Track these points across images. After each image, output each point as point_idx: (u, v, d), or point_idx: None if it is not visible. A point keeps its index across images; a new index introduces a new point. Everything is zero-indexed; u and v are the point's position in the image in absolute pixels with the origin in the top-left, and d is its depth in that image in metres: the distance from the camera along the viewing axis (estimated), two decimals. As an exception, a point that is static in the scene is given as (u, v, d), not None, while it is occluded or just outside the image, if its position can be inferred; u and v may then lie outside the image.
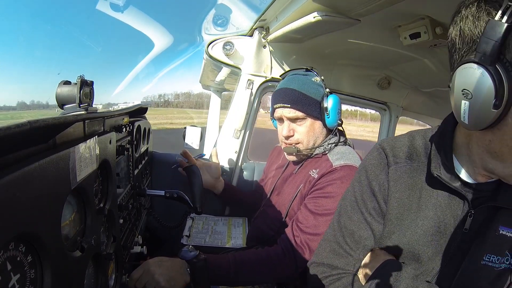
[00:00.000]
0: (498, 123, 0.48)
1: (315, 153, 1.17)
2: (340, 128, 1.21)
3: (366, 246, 0.70)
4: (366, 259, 0.70)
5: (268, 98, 1.68)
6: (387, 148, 0.70)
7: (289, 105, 1.11)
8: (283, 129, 1.16)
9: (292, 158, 1.21)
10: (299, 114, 1.11)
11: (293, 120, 1.14)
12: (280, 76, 1.30)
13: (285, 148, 1.19)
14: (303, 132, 1.14)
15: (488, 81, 0.46)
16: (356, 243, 0.70)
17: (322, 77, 1.17)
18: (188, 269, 0.90)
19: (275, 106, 1.17)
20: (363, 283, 0.67)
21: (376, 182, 0.69)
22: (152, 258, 0.94)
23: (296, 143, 1.16)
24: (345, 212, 0.74)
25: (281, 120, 1.18)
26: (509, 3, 0.44)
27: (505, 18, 0.44)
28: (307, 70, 1.21)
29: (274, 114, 1.20)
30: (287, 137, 1.16)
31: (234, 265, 0.96)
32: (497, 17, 0.45)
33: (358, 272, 0.70)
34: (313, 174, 1.10)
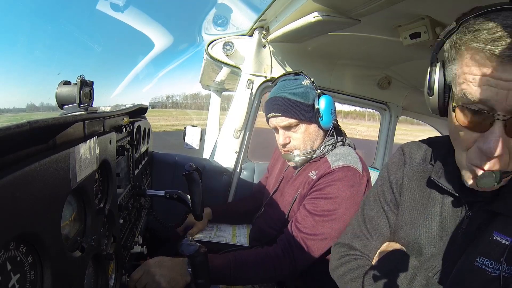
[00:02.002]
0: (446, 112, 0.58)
1: (314, 156, 1.16)
2: (338, 126, 1.20)
3: (382, 233, 0.78)
4: (381, 250, 0.76)
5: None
6: (406, 151, 0.78)
7: (280, 114, 1.12)
8: (279, 138, 1.17)
9: (293, 164, 1.20)
10: (292, 121, 1.12)
11: (287, 128, 1.14)
12: (271, 83, 1.29)
13: (283, 155, 1.20)
14: (299, 138, 1.14)
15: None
16: (374, 228, 0.79)
17: (312, 79, 1.16)
18: (189, 265, 0.90)
19: (267, 116, 1.18)
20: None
21: (394, 177, 0.78)
22: (153, 258, 0.94)
23: (294, 149, 1.16)
24: (368, 202, 0.83)
25: (276, 129, 1.18)
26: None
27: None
28: (296, 74, 1.20)
29: (269, 124, 1.21)
30: (284, 145, 1.16)
31: (234, 265, 0.96)
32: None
33: (373, 261, 0.76)
34: (312, 175, 1.10)
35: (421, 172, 0.73)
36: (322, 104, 1.09)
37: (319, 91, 1.13)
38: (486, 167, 0.53)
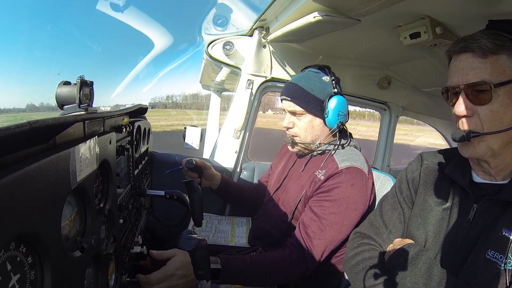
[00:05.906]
0: None
1: (317, 151, 1.18)
2: (345, 129, 1.22)
3: (396, 224, 0.86)
4: (396, 243, 0.81)
5: (272, 98, 1.67)
6: (425, 156, 0.89)
7: (289, 99, 1.16)
8: (284, 120, 1.23)
9: (290, 147, 1.24)
10: (297, 108, 1.15)
11: (292, 113, 1.19)
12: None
13: (285, 138, 1.24)
14: (301, 126, 1.17)
15: None
16: (389, 219, 0.88)
17: (333, 78, 1.18)
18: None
19: (281, 98, 1.23)
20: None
21: (411, 176, 0.87)
22: (176, 265, 0.96)
23: (294, 136, 1.20)
24: (386, 197, 0.93)
25: (285, 110, 1.24)
26: None
27: None
28: (320, 68, 1.22)
29: (282, 105, 1.26)
30: (287, 128, 1.22)
31: (251, 267, 0.98)
32: None
33: (386, 255, 0.81)
34: (319, 175, 1.11)
35: (436, 170, 0.82)
36: (332, 103, 1.12)
37: (336, 90, 1.14)
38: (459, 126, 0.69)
